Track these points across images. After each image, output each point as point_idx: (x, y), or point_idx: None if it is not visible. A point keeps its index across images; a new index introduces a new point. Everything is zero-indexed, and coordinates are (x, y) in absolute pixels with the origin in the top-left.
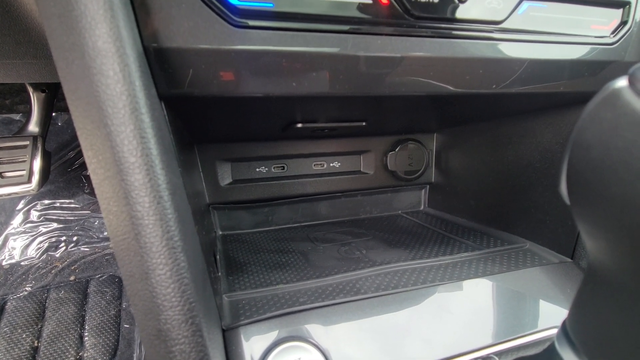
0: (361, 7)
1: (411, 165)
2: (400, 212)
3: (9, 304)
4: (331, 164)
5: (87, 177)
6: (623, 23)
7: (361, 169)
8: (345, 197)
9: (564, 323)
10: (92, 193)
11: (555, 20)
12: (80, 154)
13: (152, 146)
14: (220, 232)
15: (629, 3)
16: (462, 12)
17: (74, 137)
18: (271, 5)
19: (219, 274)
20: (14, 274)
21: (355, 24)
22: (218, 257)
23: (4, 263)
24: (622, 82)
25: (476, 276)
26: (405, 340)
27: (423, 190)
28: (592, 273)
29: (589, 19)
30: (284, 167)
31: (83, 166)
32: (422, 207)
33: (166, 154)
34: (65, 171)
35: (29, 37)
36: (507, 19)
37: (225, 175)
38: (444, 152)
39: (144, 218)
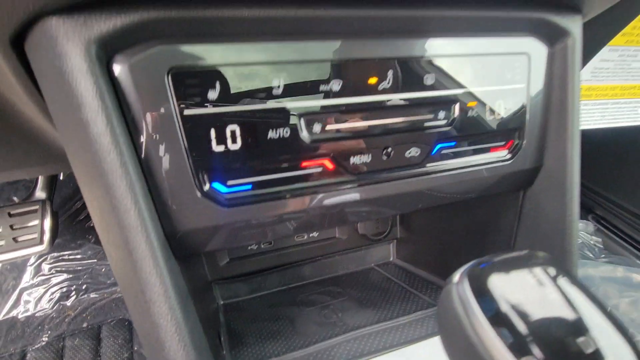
0: (316, 176)
1: (378, 228)
2: (372, 265)
3: (28, 355)
4: (311, 235)
5: (92, 228)
6: (518, 143)
7: (336, 236)
8: (324, 259)
9: None
10: (97, 242)
11: (462, 152)
12: (83, 205)
13: (179, 315)
14: (222, 302)
15: (521, 128)
16: (389, 163)
17: (76, 190)
18: (249, 187)
19: (224, 352)
20: (30, 325)
21: (313, 187)
22: (222, 336)
23: (20, 316)
24: (456, 278)
25: (427, 336)
26: None
27: (391, 245)
28: None
29: (489, 145)
30: (271, 242)
31: (88, 217)
32: (391, 259)
33: (183, 298)
34: (71, 224)
35: (47, 151)
36: (424, 160)
37: (223, 257)
38: (407, 213)
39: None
